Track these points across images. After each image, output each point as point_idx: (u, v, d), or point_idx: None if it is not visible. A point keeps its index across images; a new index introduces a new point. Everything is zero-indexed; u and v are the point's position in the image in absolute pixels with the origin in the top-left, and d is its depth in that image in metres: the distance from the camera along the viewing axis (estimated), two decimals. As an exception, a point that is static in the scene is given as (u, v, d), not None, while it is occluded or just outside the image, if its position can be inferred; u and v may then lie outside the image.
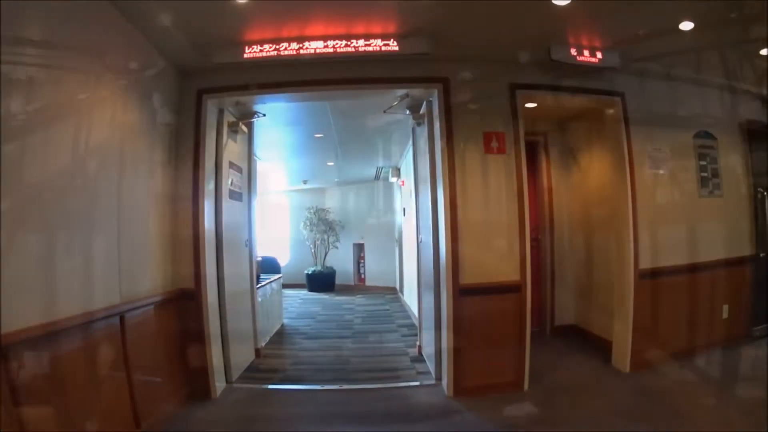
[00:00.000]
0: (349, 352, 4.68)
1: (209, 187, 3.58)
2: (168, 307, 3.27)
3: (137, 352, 2.72)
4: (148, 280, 3.08)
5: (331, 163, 7.49)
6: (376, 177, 9.20)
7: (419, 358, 4.30)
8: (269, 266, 10.10)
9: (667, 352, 3.75)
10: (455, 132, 3.54)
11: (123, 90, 2.80)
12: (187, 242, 3.46)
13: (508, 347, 3.53)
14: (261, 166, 7.44)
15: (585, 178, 4.91)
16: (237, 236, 4.19)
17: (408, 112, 4.20)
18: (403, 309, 7.23)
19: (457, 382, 3.42)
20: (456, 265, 3.41)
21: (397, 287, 8.96)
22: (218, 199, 3.72)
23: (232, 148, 4.11)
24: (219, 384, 3.54)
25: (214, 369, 3.46)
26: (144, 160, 3.12)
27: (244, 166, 4.45)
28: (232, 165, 4.03)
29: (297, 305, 8.05)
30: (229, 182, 3.96)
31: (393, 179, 8.31)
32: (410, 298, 6.76)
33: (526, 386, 3.49)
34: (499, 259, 3.55)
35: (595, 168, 4.71)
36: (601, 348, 4.12)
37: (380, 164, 7.94)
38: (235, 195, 4.08)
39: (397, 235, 8.75)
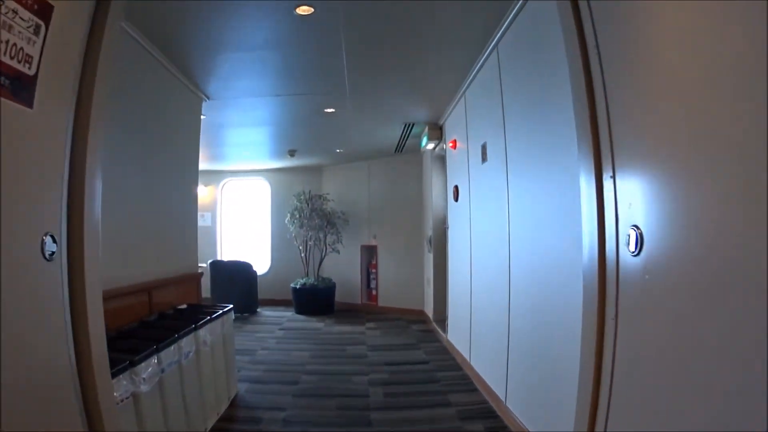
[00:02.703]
0: None
1: None
2: None
3: None
4: None
5: (331, 110, 4.45)
6: (399, 147, 6.16)
7: None
8: (235, 277, 7.08)
9: None
10: None
11: None
12: None
13: None
14: (215, 119, 4.44)
15: None
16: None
17: None
18: (451, 359, 4.20)
19: None
20: None
21: (429, 313, 5.91)
22: None
23: None
24: None
25: None
26: None
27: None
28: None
29: (272, 345, 4.99)
30: None
31: (429, 146, 5.28)
32: (467, 338, 3.70)
33: None
34: None
35: None
36: None
37: (411, 117, 4.89)
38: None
39: (430, 231, 5.71)
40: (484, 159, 3.34)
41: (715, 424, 0.95)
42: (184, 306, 3.38)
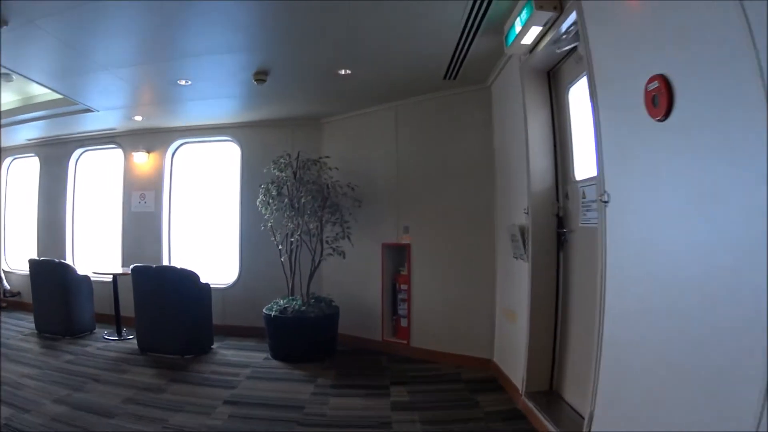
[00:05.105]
0: None
1: None
2: None
3: None
4: None
5: None
6: (454, 65, 3.35)
7: None
8: (172, 295, 4.25)
9: None
10: None
11: None
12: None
13: None
14: None
15: None
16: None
17: None
18: None
19: None
20: None
21: (512, 374, 3.08)
22: None
23: None
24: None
25: None
26: None
27: None
28: None
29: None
30: None
31: (527, 38, 2.45)
32: None
33: None
34: None
35: None
36: None
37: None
38: None
39: (523, 218, 2.89)
40: None
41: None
42: None
